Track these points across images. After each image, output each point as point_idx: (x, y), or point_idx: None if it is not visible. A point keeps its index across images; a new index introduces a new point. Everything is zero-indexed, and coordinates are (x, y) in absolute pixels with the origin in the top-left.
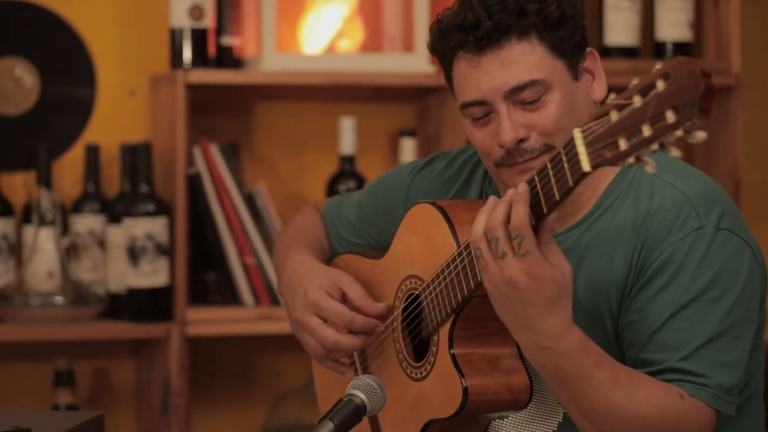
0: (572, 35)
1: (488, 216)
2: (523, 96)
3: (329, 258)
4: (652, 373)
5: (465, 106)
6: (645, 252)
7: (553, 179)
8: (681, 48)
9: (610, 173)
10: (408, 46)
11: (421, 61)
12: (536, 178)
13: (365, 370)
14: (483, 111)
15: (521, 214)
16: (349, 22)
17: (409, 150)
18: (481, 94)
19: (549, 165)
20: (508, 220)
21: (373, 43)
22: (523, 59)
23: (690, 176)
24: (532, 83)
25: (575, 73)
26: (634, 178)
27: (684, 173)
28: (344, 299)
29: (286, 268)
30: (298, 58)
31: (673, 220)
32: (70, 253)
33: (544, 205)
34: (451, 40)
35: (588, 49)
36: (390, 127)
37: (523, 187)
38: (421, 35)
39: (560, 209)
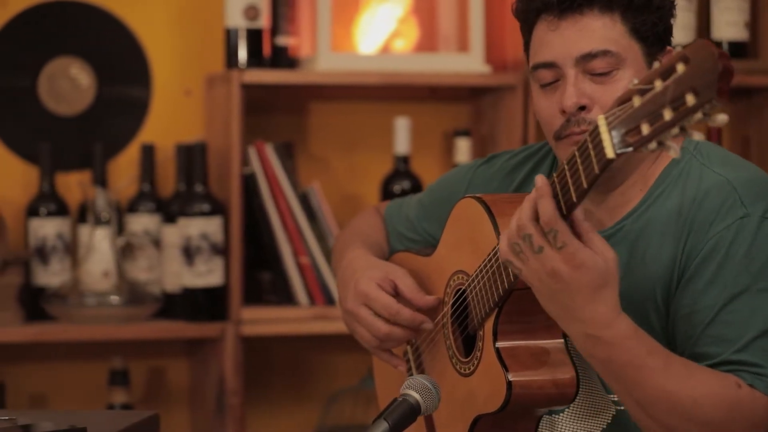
0: (656, 24)
1: (518, 214)
2: (593, 65)
3: (387, 256)
4: (708, 367)
5: (536, 67)
6: (691, 242)
7: (580, 167)
8: (737, 48)
9: (660, 164)
10: (463, 46)
11: (476, 61)
12: (566, 168)
13: (419, 366)
14: (552, 76)
15: (547, 208)
16: (404, 22)
17: (463, 150)
18: (554, 56)
19: (576, 153)
20: (537, 217)
21: (427, 43)
22: (602, 30)
23: (739, 166)
24: (605, 53)
25: (650, 61)
26: (683, 168)
27: (733, 163)
28: (396, 292)
29: (342, 263)
30: (352, 57)
31: (718, 209)
32: (125, 252)
33: (573, 194)
34: (536, 1)
35: (668, 47)
36: (444, 127)
37: (542, 181)
38: (476, 35)
39: (610, 201)
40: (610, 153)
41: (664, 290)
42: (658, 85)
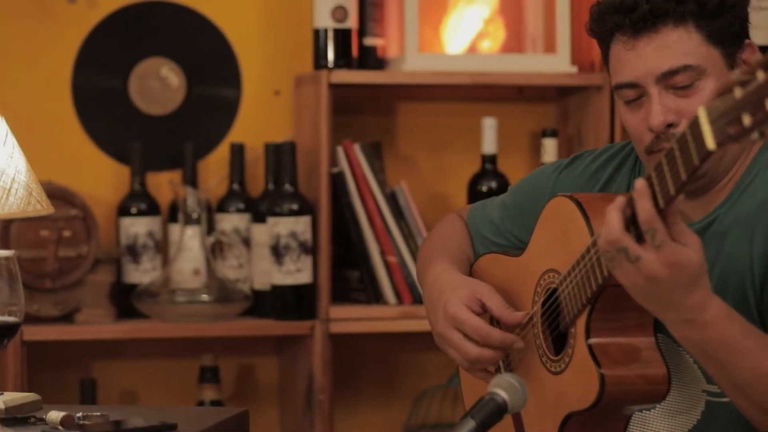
0: (731, 24)
1: (607, 228)
2: (675, 80)
3: (472, 261)
4: None
5: (618, 87)
6: None
7: (679, 160)
8: None
9: (750, 153)
10: (550, 47)
11: (563, 62)
12: (663, 161)
13: (508, 366)
14: (635, 94)
15: (647, 207)
16: (491, 22)
17: (550, 150)
18: (635, 76)
19: (675, 146)
20: (628, 225)
21: (514, 43)
22: (678, 44)
23: None
24: (685, 68)
25: (731, 63)
26: None
27: None
28: (484, 310)
29: (427, 279)
30: (440, 58)
31: None
32: (215, 251)
33: (671, 187)
34: (608, 22)
35: (747, 41)
36: (531, 127)
37: (641, 184)
38: (563, 36)
39: (701, 196)
40: (710, 144)
41: (762, 275)
42: (761, 76)
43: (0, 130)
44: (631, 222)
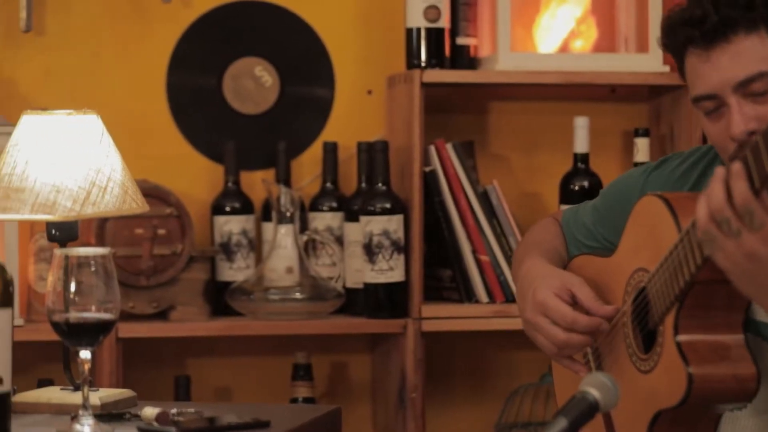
0: None
1: (709, 199)
2: (752, 88)
3: (566, 263)
4: None
5: (696, 100)
6: None
7: None
8: None
9: None
10: (642, 46)
11: (655, 61)
12: (760, 141)
13: (598, 365)
14: (714, 105)
15: (742, 188)
16: (583, 21)
17: (643, 149)
18: (711, 88)
19: None
20: (729, 198)
21: (606, 43)
22: (752, 52)
23: None
24: (761, 75)
25: None
26: None
27: None
28: (574, 301)
29: (519, 273)
30: (532, 57)
31: None
32: (308, 249)
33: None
34: (680, 35)
35: None
36: (624, 126)
37: (736, 165)
38: (655, 35)
39: None
40: None
41: None
42: None
43: (96, 130)
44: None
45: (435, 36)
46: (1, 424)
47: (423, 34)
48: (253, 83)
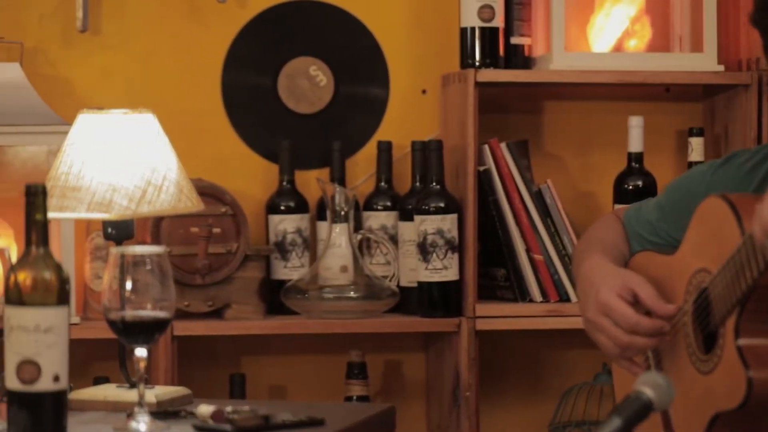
0: None
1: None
2: None
3: (627, 259)
4: None
5: None
6: None
7: None
8: None
9: None
10: (696, 46)
11: (710, 60)
12: None
13: (658, 365)
14: None
15: None
16: (637, 21)
17: (697, 148)
18: None
19: None
20: None
21: (660, 42)
22: None
23: None
24: None
25: None
26: None
27: None
28: (636, 300)
29: (581, 270)
30: (586, 57)
31: None
32: (362, 248)
33: None
34: None
35: None
36: (678, 126)
37: None
38: (710, 34)
39: None
40: None
41: None
42: None
43: (151, 129)
44: None
45: (489, 35)
46: (57, 421)
47: (477, 33)
48: (307, 83)
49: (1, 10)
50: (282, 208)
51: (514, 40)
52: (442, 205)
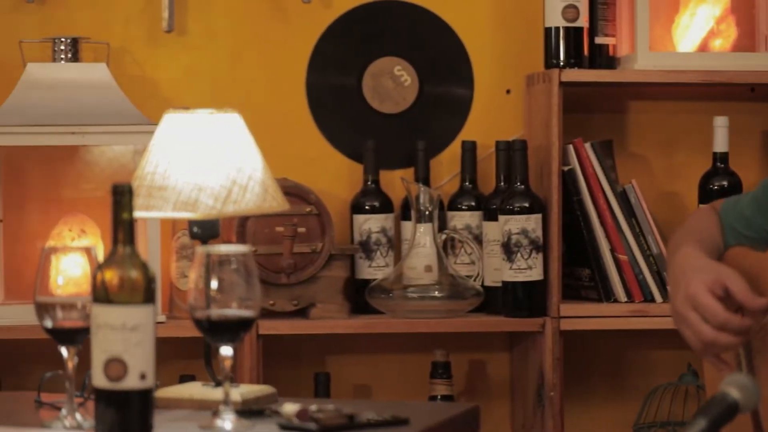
0: None
1: None
2: None
3: (721, 252)
4: None
5: None
6: None
7: None
8: None
9: None
10: None
11: None
12: None
13: (749, 363)
14: None
15: None
16: (722, 21)
17: None
18: None
19: None
20: None
21: (746, 42)
22: None
23: None
24: None
25: None
26: None
27: None
28: (726, 294)
29: (674, 260)
30: (671, 57)
31: None
32: (447, 248)
33: None
34: None
35: None
36: (763, 126)
37: None
38: None
39: None
40: None
41: None
42: None
43: (237, 128)
44: None
45: (574, 35)
46: (144, 419)
47: (562, 33)
48: (392, 82)
49: (87, 11)
50: (366, 207)
51: (599, 39)
52: (526, 205)
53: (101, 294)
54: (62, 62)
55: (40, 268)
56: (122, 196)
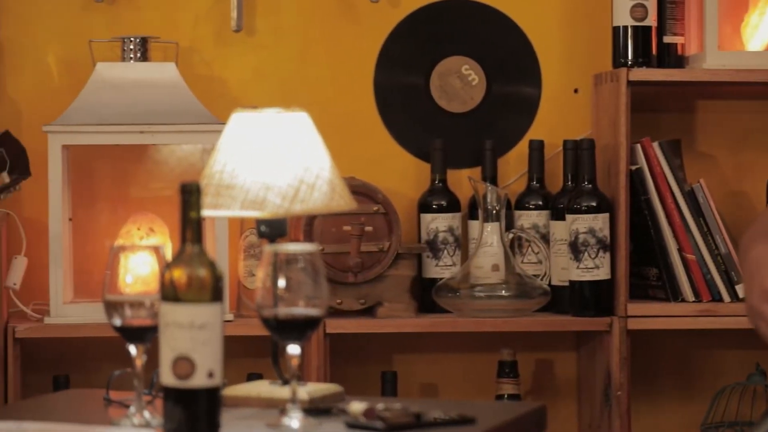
0: None
1: None
2: None
3: None
4: None
5: None
6: None
7: None
8: None
9: None
10: None
11: None
12: None
13: None
14: None
15: None
16: None
17: None
18: None
19: None
20: None
21: None
22: None
23: None
24: None
25: None
26: None
27: None
28: None
29: (748, 255)
30: (740, 56)
31: None
32: (514, 247)
33: None
34: None
35: None
36: None
37: None
38: None
39: None
40: None
41: None
42: None
43: (305, 127)
44: None
45: (642, 34)
46: (211, 417)
47: (630, 32)
48: (459, 82)
49: (156, 11)
50: (434, 206)
51: (667, 39)
52: (594, 204)
53: (169, 292)
54: (131, 62)
55: (108, 267)
56: (190, 195)
